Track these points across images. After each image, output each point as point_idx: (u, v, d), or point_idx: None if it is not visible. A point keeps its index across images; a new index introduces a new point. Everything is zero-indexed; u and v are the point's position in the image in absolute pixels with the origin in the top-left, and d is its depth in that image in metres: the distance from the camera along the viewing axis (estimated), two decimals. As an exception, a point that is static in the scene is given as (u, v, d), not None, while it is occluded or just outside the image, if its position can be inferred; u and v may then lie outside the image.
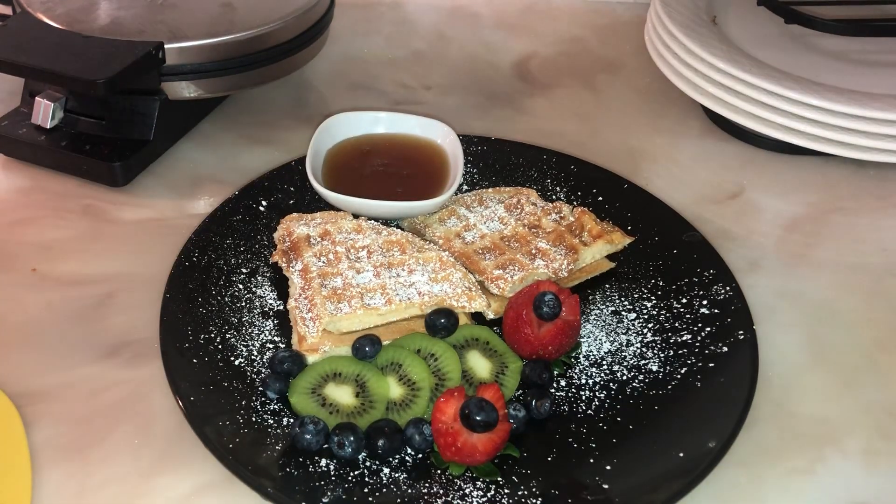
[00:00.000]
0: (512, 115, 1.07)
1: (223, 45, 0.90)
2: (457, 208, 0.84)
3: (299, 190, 0.87)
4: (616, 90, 1.13)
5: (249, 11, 0.94)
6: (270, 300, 0.77)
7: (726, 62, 0.96)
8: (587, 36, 1.25)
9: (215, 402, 0.66)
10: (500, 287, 0.75)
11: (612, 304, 0.79)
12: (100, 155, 0.89)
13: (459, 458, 0.63)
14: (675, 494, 0.62)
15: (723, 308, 0.77)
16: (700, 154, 1.02)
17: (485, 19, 1.28)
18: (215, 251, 0.80)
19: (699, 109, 1.07)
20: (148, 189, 0.90)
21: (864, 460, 0.69)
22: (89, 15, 0.91)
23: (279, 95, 1.06)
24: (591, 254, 0.80)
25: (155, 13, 0.92)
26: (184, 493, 0.63)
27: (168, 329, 0.71)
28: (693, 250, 0.83)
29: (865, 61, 1.04)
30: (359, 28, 1.23)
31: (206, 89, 0.92)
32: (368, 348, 0.68)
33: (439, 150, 0.89)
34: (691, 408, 0.69)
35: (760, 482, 0.66)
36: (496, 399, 0.63)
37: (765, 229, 0.91)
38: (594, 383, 0.71)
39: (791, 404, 0.72)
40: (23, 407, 0.68)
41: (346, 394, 0.67)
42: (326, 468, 0.63)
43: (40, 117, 0.90)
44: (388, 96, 1.09)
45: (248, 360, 0.71)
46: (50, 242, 0.83)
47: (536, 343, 0.70)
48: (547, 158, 0.94)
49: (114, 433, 0.67)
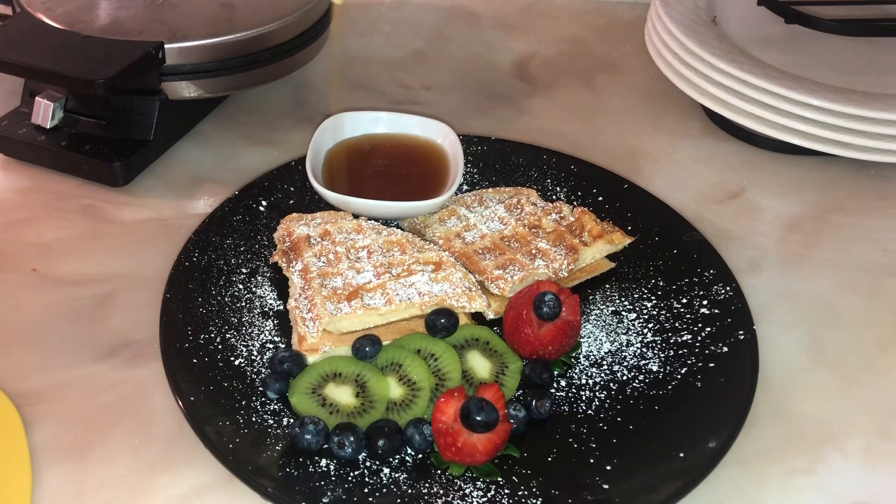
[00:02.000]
0: (512, 114, 1.07)
1: (223, 45, 0.90)
2: (457, 208, 0.84)
3: (299, 190, 0.87)
4: (616, 90, 1.13)
5: (249, 11, 0.94)
6: (270, 300, 0.77)
7: (726, 62, 0.96)
8: (587, 36, 1.25)
9: (215, 402, 0.66)
10: (500, 287, 0.75)
11: (612, 304, 0.79)
12: (100, 155, 0.89)
13: (459, 458, 0.63)
14: (675, 494, 0.62)
15: (723, 308, 0.77)
16: (700, 154, 1.02)
17: (485, 19, 1.28)
18: (215, 251, 0.80)
19: (699, 109, 1.07)
20: (148, 189, 0.90)
21: (864, 460, 0.69)
22: (89, 15, 0.91)
23: (279, 95, 1.06)
24: (591, 254, 0.80)
25: (155, 13, 0.92)
26: (184, 493, 0.63)
27: (168, 329, 0.71)
28: (693, 250, 0.83)
29: (865, 61, 1.04)
30: (359, 28, 1.23)
31: (206, 89, 0.92)
32: (368, 348, 0.68)
33: (439, 150, 0.89)
34: (691, 408, 0.69)
35: (760, 482, 0.66)
36: (496, 399, 0.63)
37: (765, 229, 0.91)
38: (594, 383, 0.71)
39: (791, 404, 0.72)
40: (23, 407, 0.68)
41: (346, 394, 0.67)
42: (326, 468, 0.63)
43: (40, 117, 0.90)
44: (387, 96, 1.09)
45: (248, 360, 0.71)
46: (50, 242, 0.83)
47: (536, 343, 0.70)
48: (547, 158, 0.94)
49: (114, 433, 0.67)
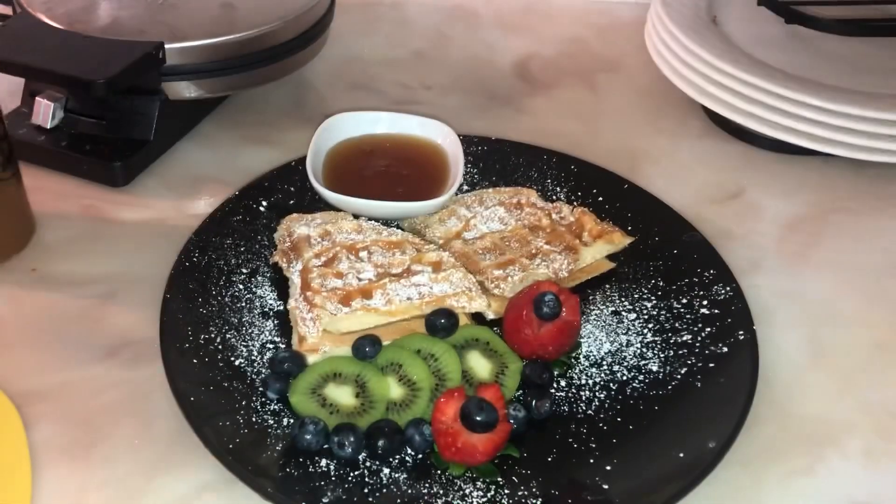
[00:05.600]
0: (512, 115, 1.07)
1: (223, 45, 0.90)
2: (457, 208, 0.84)
3: (299, 190, 0.87)
4: (616, 90, 1.13)
5: (249, 11, 0.94)
6: (270, 300, 0.77)
7: (726, 62, 0.96)
8: (587, 36, 1.25)
9: (215, 402, 0.66)
10: (500, 287, 0.75)
11: (612, 304, 0.79)
12: (100, 155, 0.89)
13: (459, 458, 0.63)
14: (675, 495, 0.62)
15: (723, 308, 0.77)
16: (700, 154, 1.02)
17: (485, 19, 1.27)
18: (215, 251, 0.80)
19: (699, 109, 1.07)
20: (148, 189, 0.90)
21: (864, 460, 0.69)
22: (89, 15, 0.91)
23: (279, 95, 1.06)
24: (591, 254, 0.80)
25: (155, 13, 0.92)
26: (184, 493, 0.63)
27: (168, 329, 0.71)
28: (693, 250, 0.83)
29: (865, 61, 1.04)
30: (359, 28, 1.23)
31: (206, 89, 0.92)
32: (368, 348, 0.68)
33: (439, 150, 0.89)
34: (691, 408, 0.69)
35: (760, 482, 0.66)
36: (496, 399, 0.63)
37: (765, 229, 0.91)
38: (594, 383, 0.71)
39: (791, 404, 0.72)
40: (23, 407, 0.68)
41: (346, 394, 0.67)
42: (326, 468, 0.63)
43: (40, 117, 0.90)
44: (388, 96, 1.09)
45: (248, 360, 0.71)
46: (50, 242, 0.83)
47: (536, 343, 0.70)
48: (547, 158, 0.93)
49: (114, 433, 0.67)
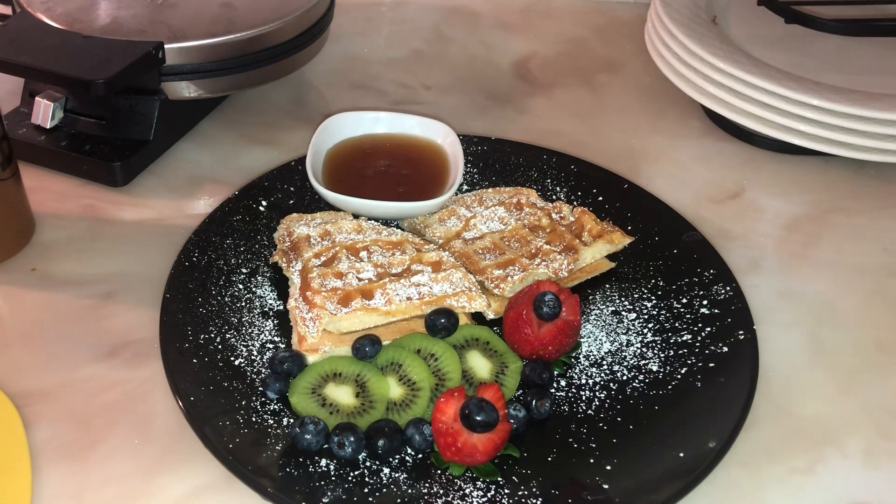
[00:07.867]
0: (512, 115, 1.07)
1: (223, 45, 0.90)
2: (457, 208, 0.84)
3: (299, 190, 0.87)
4: (616, 90, 1.13)
5: (249, 11, 0.94)
6: (270, 300, 0.77)
7: (726, 62, 0.96)
8: (587, 36, 1.25)
9: (215, 402, 0.66)
10: (500, 287, 0.75)
11: (612, 304, 0.79)
12: (100, 155, 0.89)
13: (459, 458, 0.63)
14: (675, 494, 0.62)
15: (723, 308, 0.77)
16: (700, 154, 1.02)
17: (485, 19, 1.28)
18: (215, 251, 0.80)
19: (699, 109, 1.07)
20: (148, 189, 0.90)
21: (864, 460, 0.69)
22: (89, 15, 0.91)
23: (279, 95, 1.06)
24: (591, 254, 0.80)
25: (155, 13, 0.92)
26: (184, 493, 0.63)
27: (168, 329, 0.71)
28: (693, 250, 0.83)
29: (865, 61, 1.04)
30: (359, 28, 1.23)
31: (206, 89, 0.92)
32: (368, 348, 0.68)
33: (439, 150, 0.89)
34: (691, 408, 0.69)
35: (760, 482, 0.66)
36: (496, 399, 0.63)
37: (765, 229, 0.91)
38: (594, 383, 0.71)
39: (791, 404, 0.72)
40: (23, 407, 0.68)
41: (346, 394, 0.67)
42: (326, 468, 0.63)
43: (40, 117, 0.90)
44: (388, 96, 1.09)
45: (248, 360, 0.71)
46: (50, 242, 0.83)
47: (536, 343, 0.70)
48: (547, 158, 0.93)
49: (114, 433, 0.67)
